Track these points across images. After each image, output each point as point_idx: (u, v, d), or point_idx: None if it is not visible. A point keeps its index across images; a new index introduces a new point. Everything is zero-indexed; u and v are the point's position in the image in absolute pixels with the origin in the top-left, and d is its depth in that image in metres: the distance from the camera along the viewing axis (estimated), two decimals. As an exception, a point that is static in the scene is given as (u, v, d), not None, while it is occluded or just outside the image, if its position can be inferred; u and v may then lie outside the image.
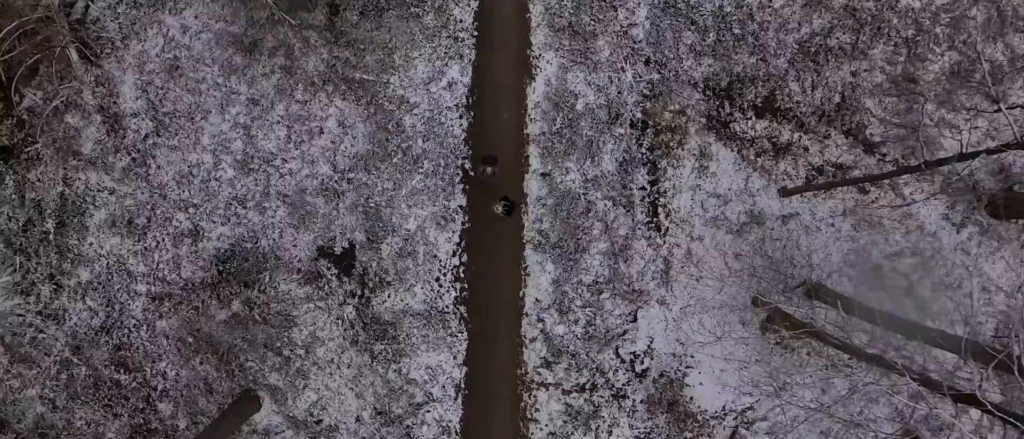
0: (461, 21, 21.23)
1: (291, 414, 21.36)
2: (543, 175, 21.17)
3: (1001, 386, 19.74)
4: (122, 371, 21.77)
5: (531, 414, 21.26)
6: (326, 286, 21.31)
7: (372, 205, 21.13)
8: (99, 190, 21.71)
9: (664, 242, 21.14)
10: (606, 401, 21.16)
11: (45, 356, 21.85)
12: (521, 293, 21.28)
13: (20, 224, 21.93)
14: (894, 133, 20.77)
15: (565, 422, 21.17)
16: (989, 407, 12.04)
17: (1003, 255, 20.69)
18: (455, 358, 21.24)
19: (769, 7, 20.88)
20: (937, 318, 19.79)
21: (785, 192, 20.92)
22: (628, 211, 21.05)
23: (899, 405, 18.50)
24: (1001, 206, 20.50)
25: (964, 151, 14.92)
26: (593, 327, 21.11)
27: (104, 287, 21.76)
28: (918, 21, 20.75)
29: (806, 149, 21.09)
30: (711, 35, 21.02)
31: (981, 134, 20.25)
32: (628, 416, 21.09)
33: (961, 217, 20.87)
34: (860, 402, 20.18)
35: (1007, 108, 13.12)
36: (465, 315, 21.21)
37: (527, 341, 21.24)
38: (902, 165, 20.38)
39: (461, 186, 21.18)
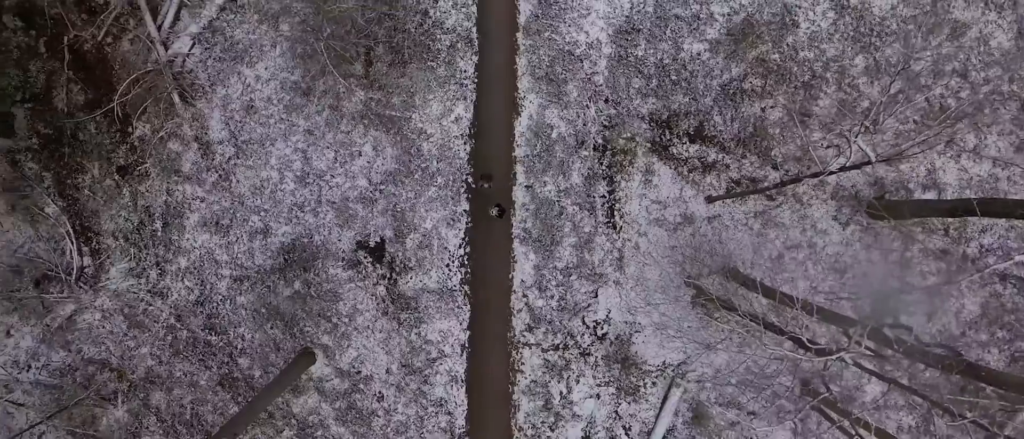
0: (465, 71, 22.63)
1: (338, 366, 22.87)
2: (527, 187, 22.56)
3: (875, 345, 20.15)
4: (212, 334, 23.28)
5: (518, 367, 22.87)
6: (363, 271, 22.76)
7: (398, 210, 22.56)
8: (194, 199, 23.16)
9: (619, 237, 22.56)
10: (575, 357, 22.71)
11: (154, 323, 23.25)
12: (510, 275, 22.72)
13: (134, 224, 23.40)
14: (791, 154, 22.42)
15: (544, 373, 22.79)
16: (806, 343, 16.45)
17: (877, 247, 22.54)
18: (461, 324, 22.74)
19: (698, 59, 22.36)
20: (823, 294, 21.66)
21: (710, 199, 22.54)
22: (591, 214, 22.53)
23: (786, 358, 19.94)
24: (877, 209, 21.56)
25: (819, 170, 18.51)
26: (565, 301, 22.60)
27: (198, 271, 23.26)
28: (813, 69, 22.26)
29: (727, 166, 22.42)
30: (654, 80, 22.44)
31: (859, 155, 20.63)
32: (591, 368, 22.79)
33: (846, 218, 22.33)
34: (772, 363, 21.49)
35: (854, 138, 16.91)
36: (468, 292, 22.72)
37: (515, 311, 22.66)
38: (794, 177, 22.18)
39: (465, 195, 22.59)
